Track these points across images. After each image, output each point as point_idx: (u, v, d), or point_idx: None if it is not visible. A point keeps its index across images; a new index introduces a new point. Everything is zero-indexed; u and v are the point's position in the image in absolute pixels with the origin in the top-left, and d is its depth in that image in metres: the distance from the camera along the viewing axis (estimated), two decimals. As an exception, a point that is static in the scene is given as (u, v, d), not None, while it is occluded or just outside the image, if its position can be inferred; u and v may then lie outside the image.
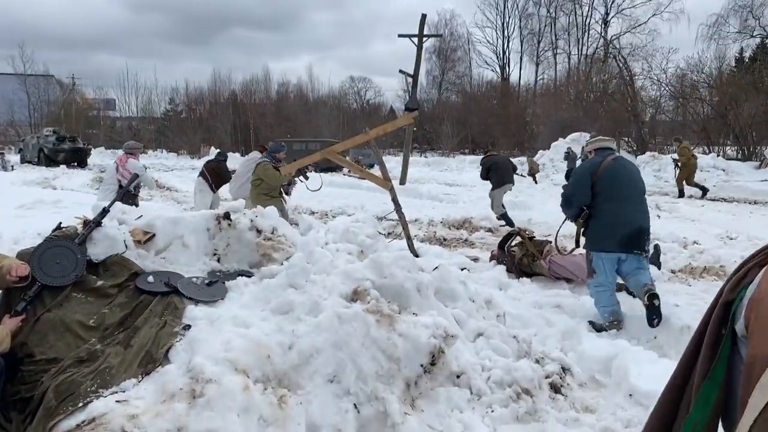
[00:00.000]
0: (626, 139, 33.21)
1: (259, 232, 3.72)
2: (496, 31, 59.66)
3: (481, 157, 11.92)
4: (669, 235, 8.43)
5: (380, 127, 7.12)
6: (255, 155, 8.56)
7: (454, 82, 62.19)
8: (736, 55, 38.83)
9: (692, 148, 19.47)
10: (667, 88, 34.74)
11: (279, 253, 3.60)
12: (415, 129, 53.85)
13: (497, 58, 60.02)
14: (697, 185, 15.81)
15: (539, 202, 14.48)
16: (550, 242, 6.47)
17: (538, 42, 56.48)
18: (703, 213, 11.91)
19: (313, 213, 12.68)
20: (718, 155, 26.33)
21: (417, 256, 7.09)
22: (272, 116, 55.47)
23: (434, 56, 60.63)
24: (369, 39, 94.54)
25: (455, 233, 9.50)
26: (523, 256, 6.30)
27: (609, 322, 4.63)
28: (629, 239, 4.49)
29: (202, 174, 9.89)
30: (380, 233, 4.12)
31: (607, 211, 4.58)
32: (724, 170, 24.11)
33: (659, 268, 6.13)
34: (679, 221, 10.78)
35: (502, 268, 6.24)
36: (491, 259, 6.75)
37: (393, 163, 20.58)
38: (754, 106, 28.56)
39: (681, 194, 15.59)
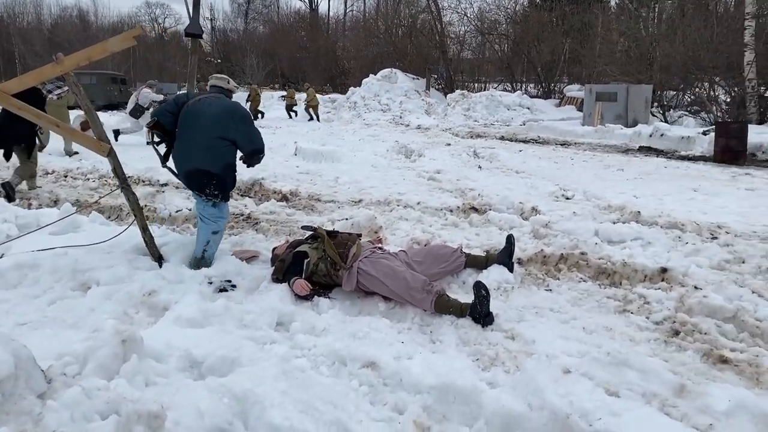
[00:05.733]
0: (434, 76, 32.51)
1: None
2: (304, -43, 55.82)
3: None
4: (503, 200, 6.79)
5: (80, 54, 4.31)
6: None
7: (260, 12, 57.58)
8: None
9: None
10: (472, 23, 34.52)
11: None
12: (218, 61, 48.95)
13: (306, -14, 56.47)
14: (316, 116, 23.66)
15: (350, 150, 12.41)
16: (359, 237, 4.33)
17: (347, -29, 53.81)
18: (525, 161, 10.73)
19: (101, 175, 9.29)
20: (523, 93, 26.44)
21: (160, 259, 4.59)
22: (43, 44, 46.87)
23: (240, -18, 55.50)
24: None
25: (234, 205, 6.94)
26: (318, 261, 4.09)
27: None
28: (187, 177, 4.49)
29: None
30: None
31: (176, 148, 4.56)
32: (529, 108, 24.27)
33: (511, 270, 4.33)
34: (503, 174, 9.37)
35: (284, 289, 3.96)
36: (273, 261, 4.47)
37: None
38: (553, 45, 29.20)
39: (311, 118, 23.42)
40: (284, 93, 29.04)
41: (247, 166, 4.66)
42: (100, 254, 4.48)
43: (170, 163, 4.67)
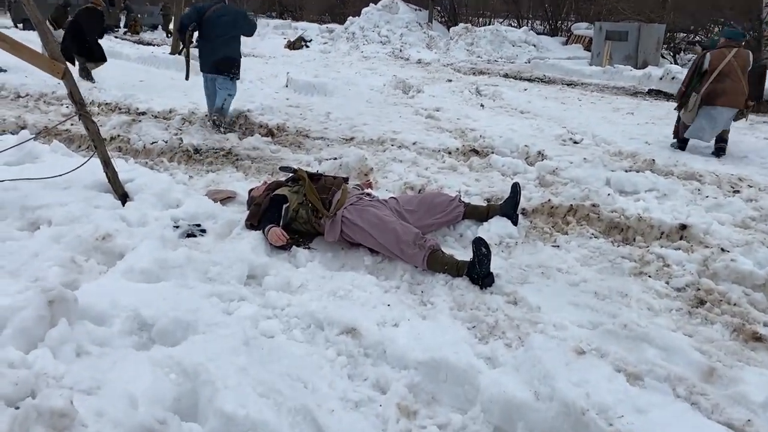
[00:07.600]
0: (438, 8, 31.11)
1: None
2: None
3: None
4: (505, 143, 6.27)
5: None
6: None
7: (257, -67, 54.64)
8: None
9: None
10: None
11: None
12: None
13: None
14: None
15: (345, 83, 11.69)
16: (345, 182, 3.85)
17: None
18: (530, 101, 10.10)
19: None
20: (530, 29, 25.34)
21: (125, 196, 4.12)
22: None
23: None
24: None
25: (215, 139, 6.39)
26: (299, 207, 3.63)
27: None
28: (217, 64, 6.69)
29: None
30: None
31: (203, 45, 6.74)
32: (535, 45, 23.28)
33: (515, 223, 3.87)
34: (507, 115, 8.80)
35: (258, 237, 3.50)
36: (249, 204, 4.00)
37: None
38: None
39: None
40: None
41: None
42: (56, 189, 3.98)
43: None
